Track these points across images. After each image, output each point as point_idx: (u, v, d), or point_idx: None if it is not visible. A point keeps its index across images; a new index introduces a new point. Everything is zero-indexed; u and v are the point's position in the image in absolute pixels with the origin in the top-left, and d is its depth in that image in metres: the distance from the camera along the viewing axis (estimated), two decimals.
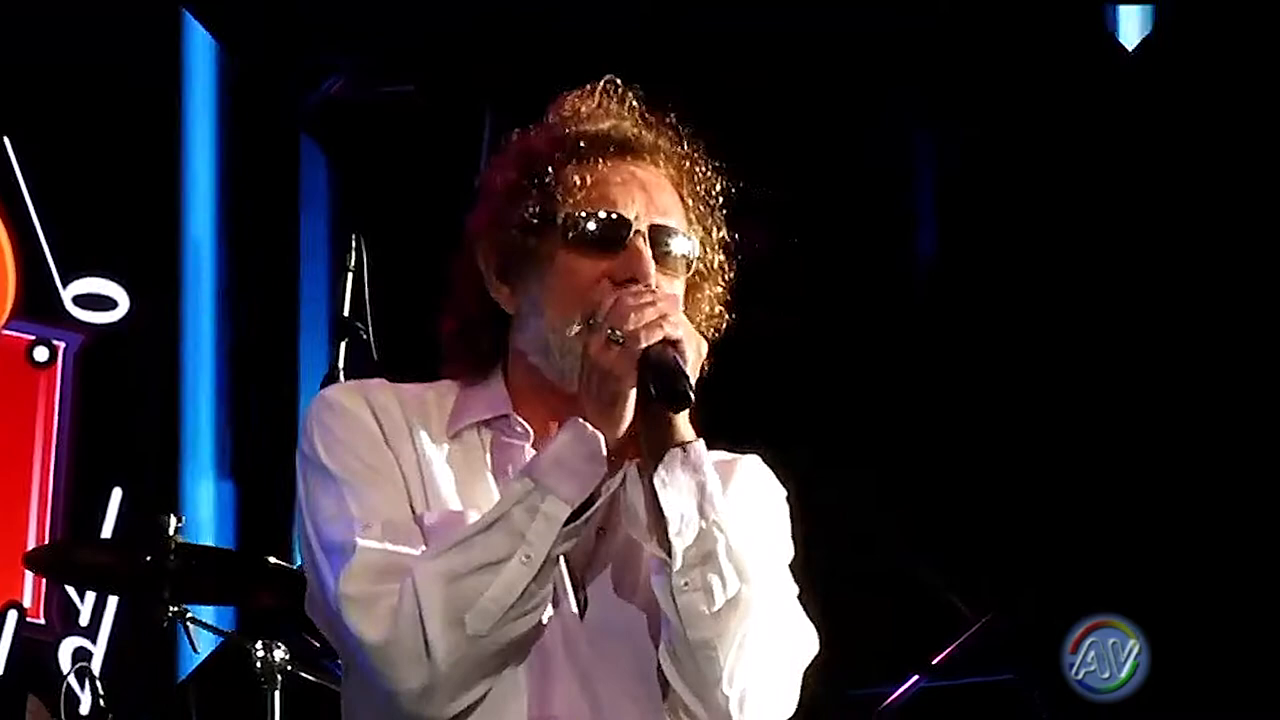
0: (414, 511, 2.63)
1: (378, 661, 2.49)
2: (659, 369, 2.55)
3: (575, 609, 2.63)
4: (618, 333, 2.54)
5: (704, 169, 2.79)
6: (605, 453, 2.54)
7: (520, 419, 2.69)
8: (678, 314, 2.60)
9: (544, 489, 2.50)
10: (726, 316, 2.77)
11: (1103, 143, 6.96)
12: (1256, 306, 6.77)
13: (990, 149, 7.16)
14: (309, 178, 7.84)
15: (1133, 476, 6.71)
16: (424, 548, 2.56)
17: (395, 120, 7.54)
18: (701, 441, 2.60)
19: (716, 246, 2.78)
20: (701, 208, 2.76)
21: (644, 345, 2.53)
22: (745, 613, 2.56)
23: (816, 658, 2.75)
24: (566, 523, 2.52)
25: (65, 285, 7.54)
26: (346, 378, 4.64)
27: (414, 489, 2.64)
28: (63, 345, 7.54)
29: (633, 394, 2.56)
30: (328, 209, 7.76)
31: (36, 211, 7.49)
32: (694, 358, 2.57)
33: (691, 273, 2.73)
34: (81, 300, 7.56)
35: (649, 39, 5.92)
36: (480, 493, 2.65)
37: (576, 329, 2.62)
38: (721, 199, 2.79)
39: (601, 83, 2.80)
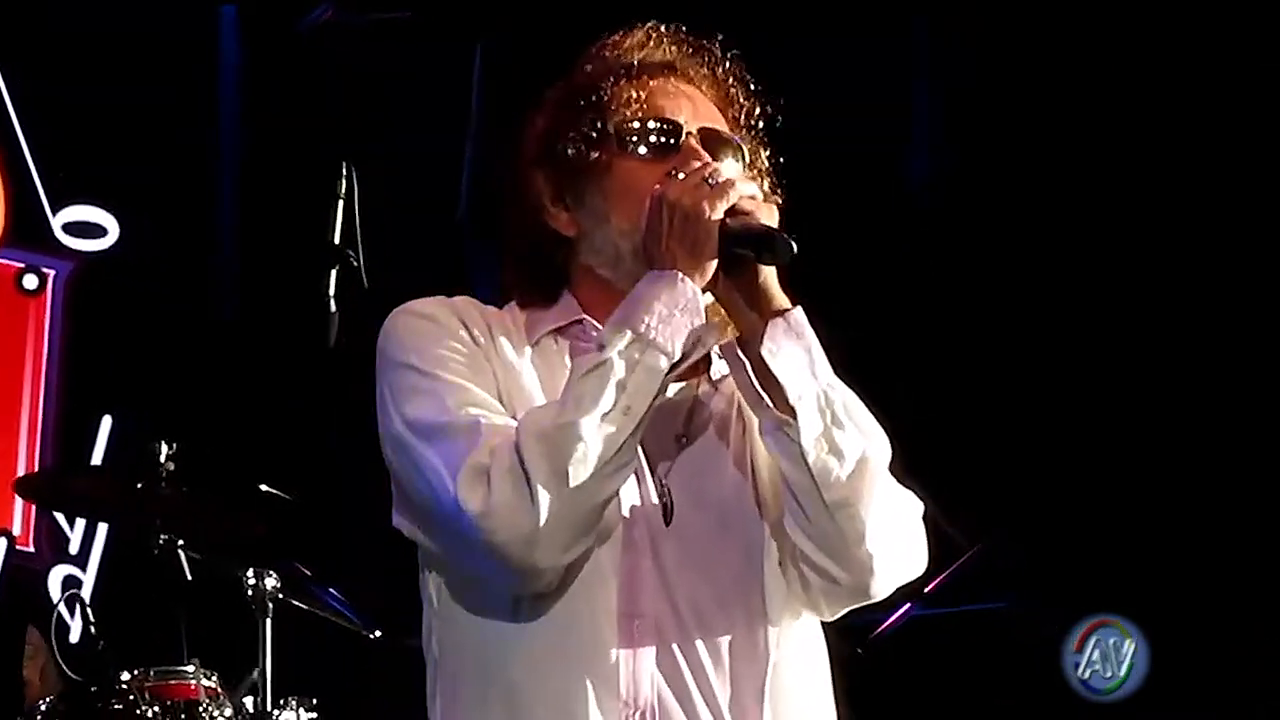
0: (504, 407, 2.62)
1: (485, 525, 2.45)
2: (750, 235, 2.57)
3: (661, 515, 2.64)
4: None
5: (745, 94, 2.83)
6: (701, 303, 2.55)
7: (595, 322, 2.71)
8: (747, 182, 2.64)
9: (644, 341, 2.51)
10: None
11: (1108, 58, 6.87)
12: (1261, 303, 6.69)
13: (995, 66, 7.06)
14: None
15: (1132, 476, 6.65)
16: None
17: (387, 47, 7.50)
18: (799, 308, 2.62)
19: (764, 171, 2.82)
20: (744, 132, 2.81)
21: (727, 202, 2.55)
22: (876, 469, 2.60)
23: None
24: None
25: (55, 213, 7.52)
26: (338, 306, 4.63)
27: (502, 388, 2.65)
28: (52, 273, 7.53)
29: (716, 234, 2.56)
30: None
31: (26, 139, 7.46)
32: (771, 220, 2.60)
33: None
34: (71, 228, 7.54)
35: None
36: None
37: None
38: (763, 125, 2.83)
39: (642, 25, 2.84)
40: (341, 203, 4.76)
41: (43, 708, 5.19)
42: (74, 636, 6.07)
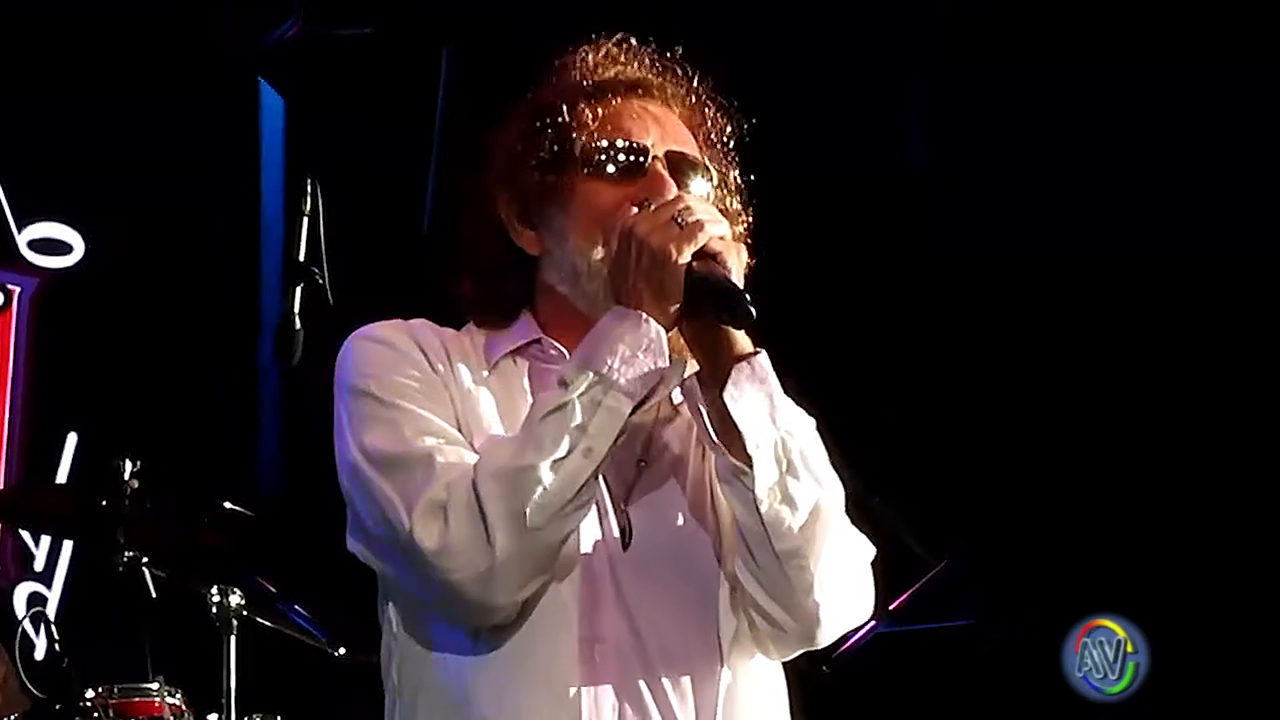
0: (462, 434, 2.62)
1: (440, 563, 2.45)
2: (713, 288, 2.53)
3: (620, 541, 2.63)
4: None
5: (715, 112, 2.81)
6: (665, 344, 2.53)
7: (553, 341, 2.72)
8: (718, 218, 2.60)
9: (607, 383, 2.49)
10: (750, 260, 2.69)
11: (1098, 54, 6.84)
12: (1259, 298, 6.67)
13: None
14: (267, 121, 7.81)
15: (1130, 475, 6.64)
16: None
17: (353, 62, 7.49)
18: (764, 352, 2.59)
19: (733, 190, 2.80)
20: (715, 150, 2.79)
21: (695, 245, 2.52)
22: (828, 519, 2.58)
23: None
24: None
25: (20, 230, 7.50)
26: (302, 323, 4.62)
27: (460, 415, 2.64)
28: (18, 289, 7.51)
29: (682, 279, 2.52)
30: (284, 153, 7.73)
31: None
32: (738, 265, 2.57)
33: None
34: (36, 245, 7.52)
35: None
36: (522, 416, 2.60)
37: (601, 252, 2.64)
38: (733, 143, 2.81)
39: (611, 38, 2.83)
40: (306, 219, 4.74)
41: None
42: (39, 654, 6.05)
